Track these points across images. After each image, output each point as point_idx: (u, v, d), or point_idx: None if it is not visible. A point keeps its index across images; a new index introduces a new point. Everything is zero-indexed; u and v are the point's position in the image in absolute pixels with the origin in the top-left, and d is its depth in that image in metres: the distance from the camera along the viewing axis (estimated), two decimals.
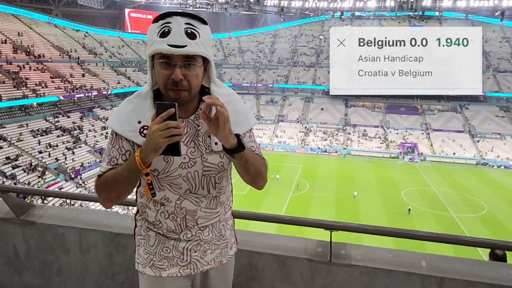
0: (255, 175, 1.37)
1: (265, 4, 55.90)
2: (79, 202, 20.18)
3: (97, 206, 17.85)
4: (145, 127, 1.30)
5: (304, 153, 45.74)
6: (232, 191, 1.56)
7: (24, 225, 2.32)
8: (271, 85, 58.74)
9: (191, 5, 58.32)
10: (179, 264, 1.44)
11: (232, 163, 1.41)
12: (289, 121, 53.43)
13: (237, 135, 1.27)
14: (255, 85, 58.40)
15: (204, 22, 1.30)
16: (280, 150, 46.49)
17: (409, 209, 27.57)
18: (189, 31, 1.24)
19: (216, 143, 1.35)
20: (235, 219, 1.65)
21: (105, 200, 1.35)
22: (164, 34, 1.23)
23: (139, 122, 1.32)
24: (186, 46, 1.23)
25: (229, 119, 1.21)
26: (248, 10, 60.71)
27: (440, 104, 53.04)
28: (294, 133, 50.47)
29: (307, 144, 47.99)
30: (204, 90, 1.39)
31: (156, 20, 1.29)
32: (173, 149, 1.18)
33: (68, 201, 23.25)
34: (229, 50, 66.18)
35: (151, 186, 1.30)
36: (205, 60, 1.32)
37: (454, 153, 43.91)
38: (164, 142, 1.15)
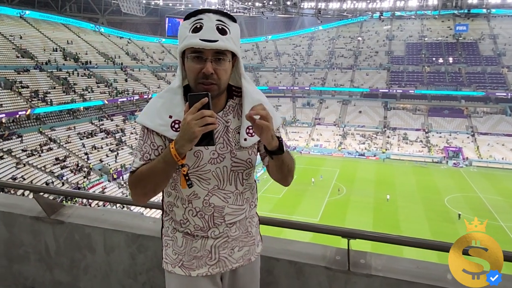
0: (287, 174, 1.39)
1: (302, 6, 55.55)
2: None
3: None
4: (176, 121, 1.31)
5: (341, 157, 44.86)
6: (256, 188, 1.55)
7: (54, 224, 2.44)
8: (308, 88, 58.20)
9: (229, 10, 59.16)
10: (208, 264, 1.43)
11: (261, 161, 1.46)
12: (326, 124, 52.65)
13: (279, 138, 1.29)
14: (292, 88, 58.16)
15: (233, 19, 1.32)
16: (317, 153, 45.93)
17: (459, 215, 26.03)
18: (220, 27, 1.26)
19: (245, 139, 1.36)
20: None
21: (140, 195, 1.34)
22: (196, 29, 1.25)
23: (170, 117, 1.32)
24: (217, 41, 1.24)
25: (271, 126, 1.22)
26: (285, 13, 60.65)
27: (487, 106, 50.15)
28: (331, 136, 49.65)
29: (344, 148, 47.04)
30: (232, 89, 1.41)
31: (187, 17, 1.30)
32: (207, 138, 1.18)
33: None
34: (265, 54, 66.44)
35: (187, 177, 1.29)
36: (234, 57, 1.33)
37: (503, 158, 41.31)
38: (200, 130, 1.15)
